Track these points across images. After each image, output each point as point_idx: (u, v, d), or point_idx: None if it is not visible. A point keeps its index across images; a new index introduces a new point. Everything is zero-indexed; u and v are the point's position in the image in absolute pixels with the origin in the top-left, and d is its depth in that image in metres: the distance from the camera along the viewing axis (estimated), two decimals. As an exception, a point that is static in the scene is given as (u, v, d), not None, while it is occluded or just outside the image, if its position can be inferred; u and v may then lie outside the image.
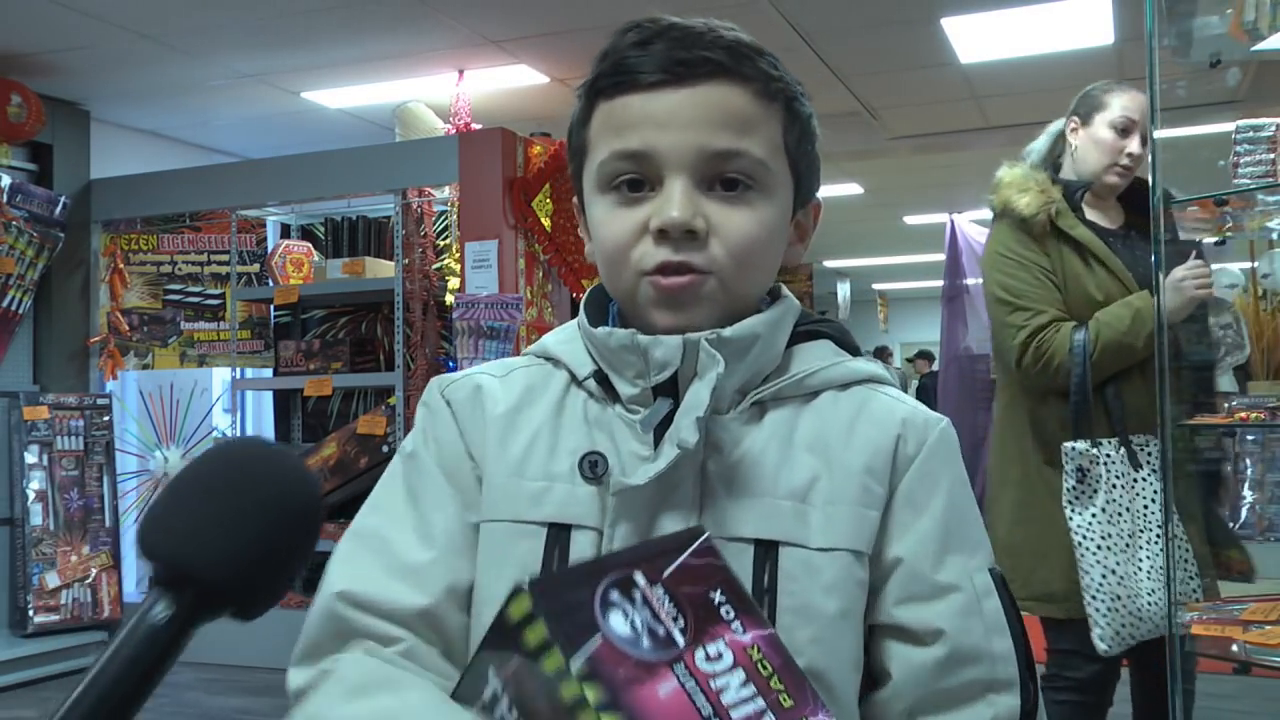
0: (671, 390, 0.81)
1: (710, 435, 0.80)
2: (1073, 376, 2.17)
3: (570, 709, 0.51)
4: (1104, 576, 2.10)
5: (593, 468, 0.81)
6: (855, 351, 0.90)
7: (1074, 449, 2.15)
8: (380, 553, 0.81)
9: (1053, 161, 2.44)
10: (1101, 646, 2.09)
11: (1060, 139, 2.44)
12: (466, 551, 0.82)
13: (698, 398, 0.78)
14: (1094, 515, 2.13)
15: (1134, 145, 2.31)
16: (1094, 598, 2.10)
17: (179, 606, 0.56)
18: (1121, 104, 2.31)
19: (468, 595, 0.81)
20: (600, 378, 0.85)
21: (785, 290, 0.89)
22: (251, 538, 0.58)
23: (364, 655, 0.77)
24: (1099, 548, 2.11)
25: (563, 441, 0.84)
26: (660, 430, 0.81)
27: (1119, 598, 2.10)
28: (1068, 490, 2.15)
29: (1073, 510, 2.15)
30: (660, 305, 0.81)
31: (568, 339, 0.90)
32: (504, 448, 0.84)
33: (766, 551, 0.79)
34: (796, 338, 0.88)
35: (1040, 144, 2.47)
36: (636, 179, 0.81)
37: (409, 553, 0.81)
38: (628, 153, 0.80)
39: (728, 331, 0.80)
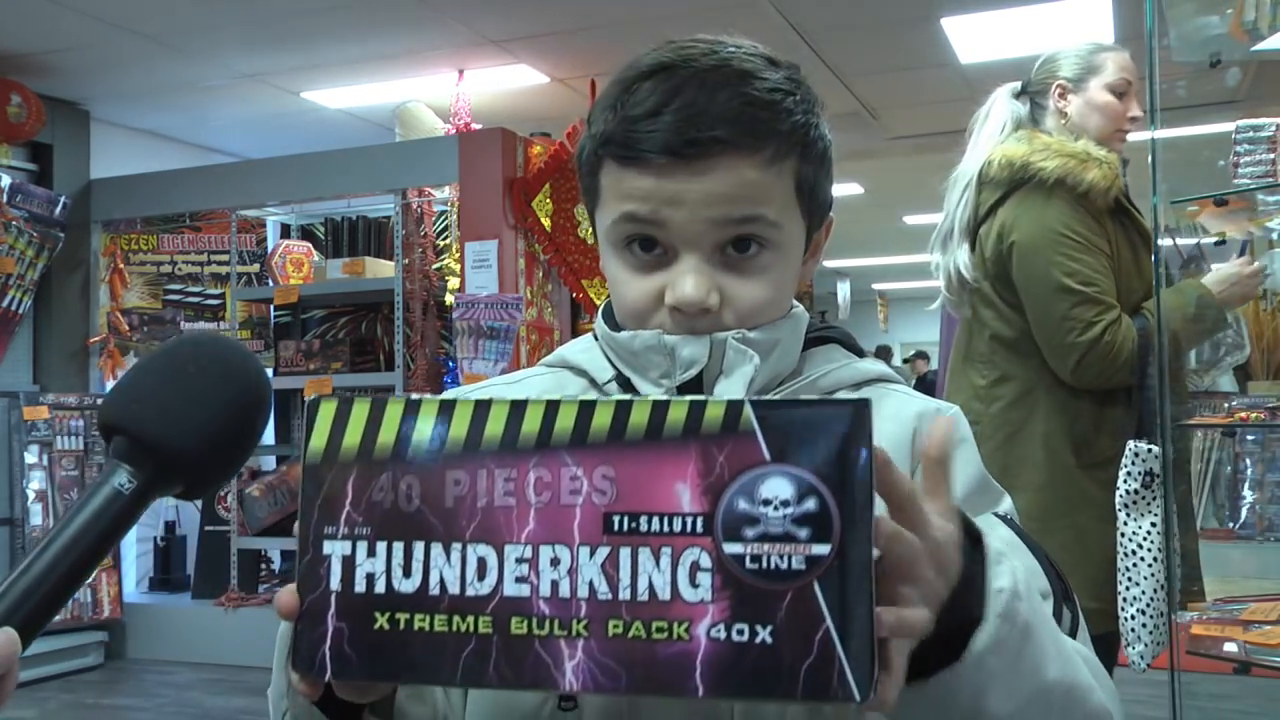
0: (695, 391, 0.82)
1: None
2: (1139, 372, 2.01)
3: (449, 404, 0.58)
4: (1155, 592, 1.95)
5: None
6: (861, 354, 0.92)
7: (1149, 451, 1.98)
8: None
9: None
10: (1141, 665, 1.96)
11: (1019, 102, 2.26)
12: None
13: (729, 393, 0.80)
14: (1153, 524, 1.97)
15: (1135, 109, 2.17)
16: (1140, 613, 1.95)
17: (140, 478, 0.59)
18: (1118, 65, 2.16)
19: None
20: (621, 381, 0.86)
21: (794, 301, 0.91)
22: (212, 421, 0.61)
23: None
24: (1155, 559, 1.95)
25: None
26: None
27: (1161, 614, 1.96)
28: (1128, 494, 1.98)
29: (1128, 516, 1.98)
30: None
31: (585, 348, 0.92)
32: None
33: None
34: (807, 344, 0.90)
35: (1004, 109, 2.24)
36: (649, 239, 0.81)
37: None
38: (639, 220, 0.80)
39: (754, 333, 0.82)
